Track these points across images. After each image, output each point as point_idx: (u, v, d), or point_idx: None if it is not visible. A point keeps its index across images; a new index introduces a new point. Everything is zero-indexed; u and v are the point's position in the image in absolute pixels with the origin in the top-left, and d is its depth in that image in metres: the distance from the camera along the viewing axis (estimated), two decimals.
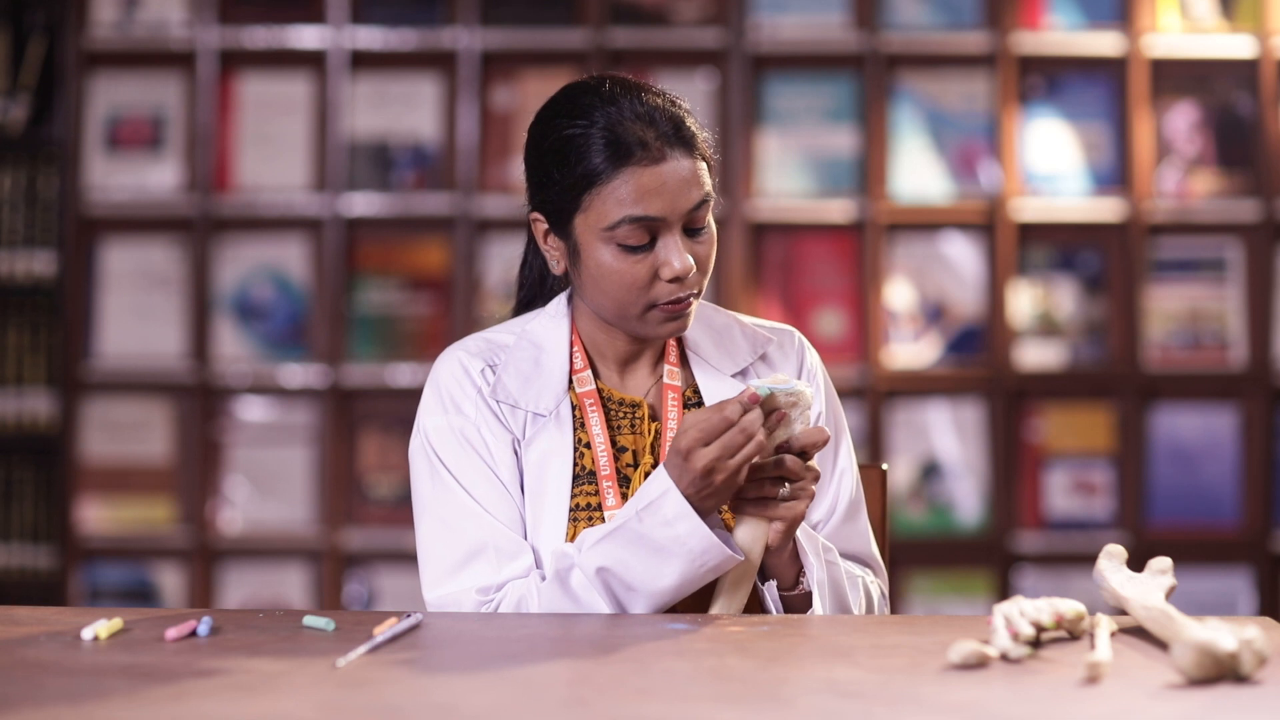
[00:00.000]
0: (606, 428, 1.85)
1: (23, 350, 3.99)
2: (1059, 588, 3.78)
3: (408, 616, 1.62)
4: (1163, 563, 1.68)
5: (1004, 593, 3.87)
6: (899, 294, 3.98)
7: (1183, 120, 3.98)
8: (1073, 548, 3.89)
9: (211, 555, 3.97)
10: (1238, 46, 3.95)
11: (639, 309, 1.81)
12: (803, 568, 1.79)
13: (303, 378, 3.97)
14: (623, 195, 1.78)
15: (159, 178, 4.02)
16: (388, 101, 4.02)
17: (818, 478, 1.75)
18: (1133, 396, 3.93)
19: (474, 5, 3.96)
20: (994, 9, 3.95)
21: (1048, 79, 3.99)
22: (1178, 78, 3.98)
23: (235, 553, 3.98)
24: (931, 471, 3.96)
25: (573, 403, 1.87)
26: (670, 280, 1.79)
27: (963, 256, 3.98)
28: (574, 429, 1.86)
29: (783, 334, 1.97)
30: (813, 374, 1.95)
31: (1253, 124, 3.96)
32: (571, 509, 1.83)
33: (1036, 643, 1.53)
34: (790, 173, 4.00)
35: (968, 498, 3.96)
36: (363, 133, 4.02)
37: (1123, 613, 1.63)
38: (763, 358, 1.93)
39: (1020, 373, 3.94)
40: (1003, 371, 3.92)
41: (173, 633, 1.56)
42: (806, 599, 1.78)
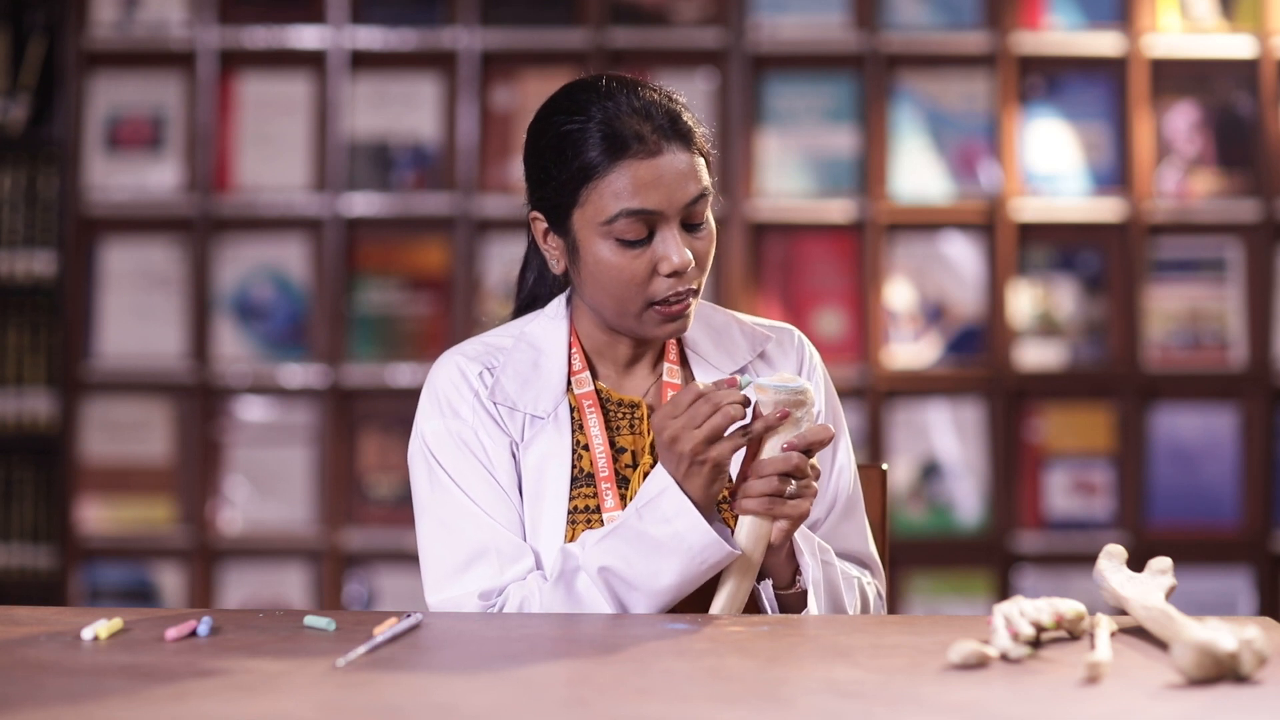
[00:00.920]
0: (605, 429, 1.85)
1: (23, 350, 3.99)
2: (1059, 588, 3.78)
3: (408, 616, 1.62)
4: (1163, 563, 1.68)
5: (1004, 593, 3.87)
6: (899, 294, 3.98)
7: (1183, 120, 3.98)
8: (1073, 548, 3.89)
9: (211, 555, 3.97)
10: (1238, 46, 3.95)
11: (638, 306, 1.80)
12: (798, 567, 1.78)
13: (303, 378, 3.97)
14: (619, 188, 1.77)
15: (159, 178, 4.02)
16: (388, 101, 4.02)
17: (819, 476, 1.75)
18: (1133, 396, 3.93)
19: (474, 5, 3.96)
20: (994, 9, 3.95)
21: (1048, 79, 3.99)
22: (1178, 78, 3.98)
23: (235, 553, 3.98)
24: (931, 471, 3.96)
25: (571, 404, 1.87)
26: (669, 275, 1.78)
27: (963, 256, 3.98)
28: (572, 431, 1.85)
29: (782, 332, 1.96)
30: (812, 372, 1.95)
31: (1253, 124, 3.96)
32: (570, 511, 1.82)
33: (1036, 643, 1.53)
34: (790, 173, 4.00)
35: (968, 498, 3.96)
36: (363, 133, 4.02)
37: (1123, 613, 1.63)
38: (762, 356, 1.93)
39: (1020, 373, 3.94)
40: (1003, 371, 3.92)
41: (173, 633, 1.56)
42: (801, 598, 1.78)
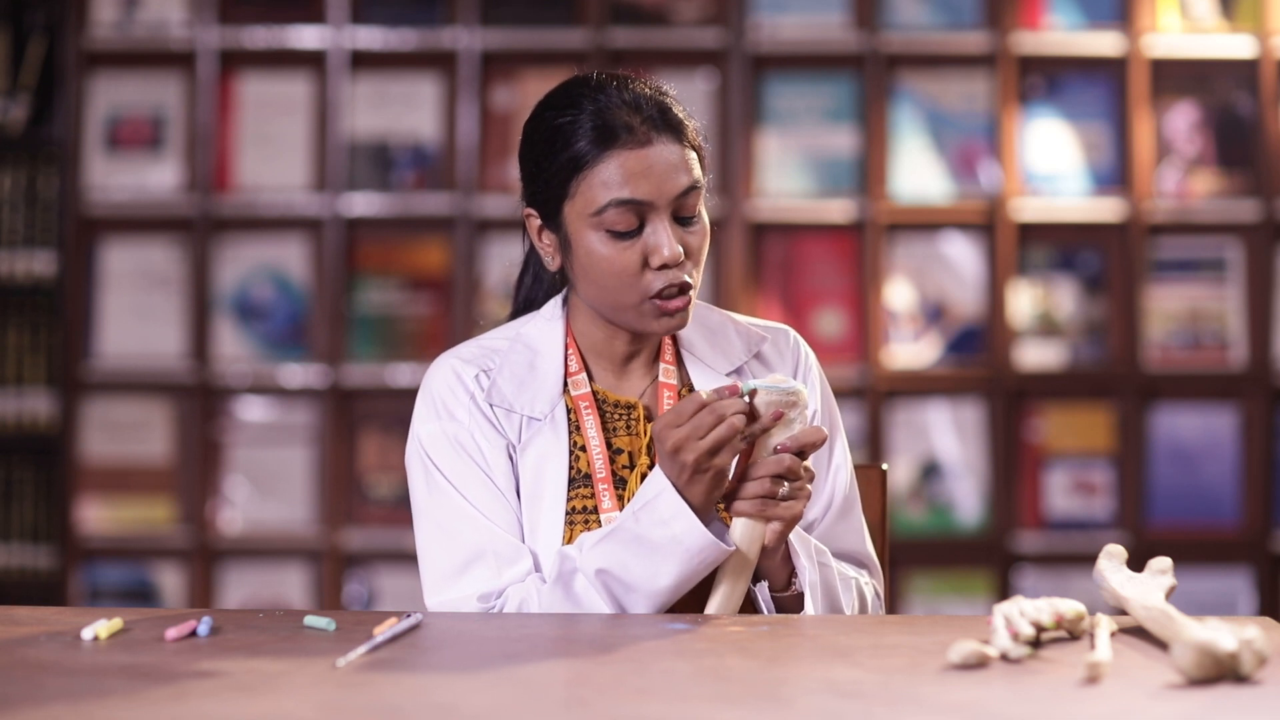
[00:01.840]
0: (602, 430, 1.85)
1: (23, 350, 3.98)
2: (1059, 588, 3.78)
3: (408, 616, 1.62)
4: (1163, 563, 1.68)
5: (1004, 593, 3.87)
6: (899, 294, 3.98)
7: (1183, 120, 3.98)
8: (1073, 548, 3.89)
9: (211, 555, 3.97)
10: (1238, 46, 3.95)
11: (634, 300, 1.80)
12: (794, 569, 1.78)
13: (303, 378, 3.97)
14: (608, 178, 1.77)
15: (159, 178, 4.02)
16: (388, 101, 4.02)
17: (813, 478, 1.75)
18: (1133, 396, 3.93)
19: (474, 5, 3.96)
20: (994, 9, 3.95)
21: (1048, 79, 3.99)
22: (1178, 78, 3.98)
23: (235, 553, 3.98)
24: (931, 471, 3.96)
25: (568, 406, 1.86)
26: (659, 267, 1.78)
27: (963, 256, 3.98)
28: (569, 432, 1.85)
29: (778, 333, 1.96)
30: (808, 373, 1.94)
31: (1253, 124, 3.96)
32: (568, 512, 1.82)
33: (1036, 643, 1.53)
34: (790, 173, 4.00)
35: (968, 498, 3.95)
36: (363, 133, 4.02)
37: (1123, 613, 1.63)
38: (757, 356, 1.92)
39: (1020, 373, 3.94)
40: (1003, 371, 3.92)
41: (173, 633, 1.56)
42: (798, 601, 1.78)
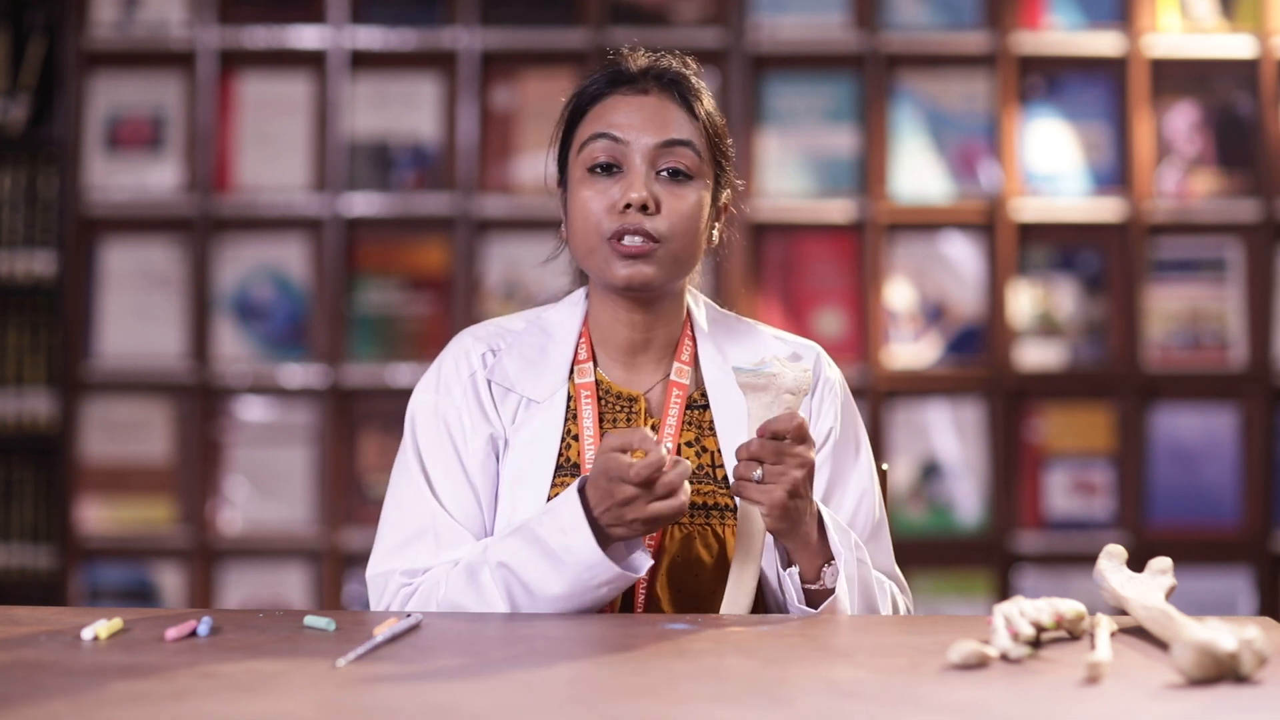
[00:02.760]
0: (598, 422, 1.85)
1: (23, 350, 3.98)
2: (1059, 588, 3.78)
3: (408, 616, 1.62)
4: (1163, 563, 1.68)
5: (1004, 593, 3.87)
6: (899, 294, 3.98)
7: (1183, 120, 3.98)
8: (1073, 548, 3.89)
9: (211, 555, 3.97)
10: (1238, 46, 3.95)
11: (596, 241, 1.81)
12: (824, 563, 1.76)
13: (303, 378, 3.97)
14: (599, 114, 1.85)
15: (159, 178, 4.02)
16: (388, 101, 4.02)
17: (804, 464, 1.71)
18: (1133, 396, 3.93)
19: (474, 5, 3.96)
20: (994, 9, 3.95)
21: (1048, 79, 3.99)
22: (1178, 78, 3.98)
23: (235, 553, 3.98)
24: (931, 471, 3.96)
25: (569, 393, 1.87)
26: (625, 209, 1.80)
27: (963, 256, 3.98)
28: (565, 419, 1.86)
29: (803, 347, 1.94)
30: (829, 391, 1.92)
31: (1253, 124, 3.96)
32: (550, 499, 1.81)
33: (1036, 643, 1.53)
34: (790, 173, 4.00)
35: (968, 498, 3.95)
36: (363, 133, 4.02)
37: (1123, 613, 1.63)
38: None
39: (1020, 373, 3.94)
40: (1003, 371, 3.92)
41: (173, 633, 1.56)
42: (826, 595, 1.76)
